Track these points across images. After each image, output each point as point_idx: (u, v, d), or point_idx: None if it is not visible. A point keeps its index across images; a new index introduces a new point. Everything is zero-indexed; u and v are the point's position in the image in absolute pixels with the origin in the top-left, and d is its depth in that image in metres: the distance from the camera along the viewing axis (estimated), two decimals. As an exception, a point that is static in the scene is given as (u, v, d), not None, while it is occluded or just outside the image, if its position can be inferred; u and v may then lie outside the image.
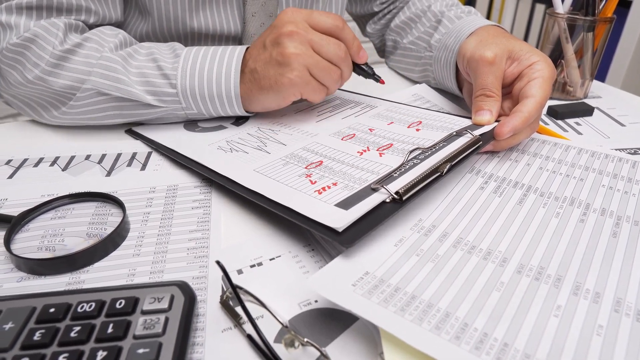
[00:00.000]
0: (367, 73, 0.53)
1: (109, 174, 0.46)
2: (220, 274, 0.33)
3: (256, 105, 0.51)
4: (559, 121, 0.60)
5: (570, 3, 0.63)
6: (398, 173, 0.39)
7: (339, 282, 0.30)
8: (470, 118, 0.49)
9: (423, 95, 0.63)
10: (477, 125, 0.47)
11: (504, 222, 0.36)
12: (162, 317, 0.27)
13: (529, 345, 0.26)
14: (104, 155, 0.49)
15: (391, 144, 0.45)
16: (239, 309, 0.30)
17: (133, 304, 0.28)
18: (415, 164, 0.40)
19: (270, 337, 0.28)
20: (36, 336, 0.26)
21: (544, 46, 0.66)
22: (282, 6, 0.65)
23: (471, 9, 0.66)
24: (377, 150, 0.44)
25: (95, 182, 0.44)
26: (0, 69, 0.51)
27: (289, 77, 0.47)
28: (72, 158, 0.49)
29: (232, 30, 0.63)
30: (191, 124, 0.54)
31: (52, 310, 0.27)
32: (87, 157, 0.49)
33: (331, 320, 0.30)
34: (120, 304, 0.28)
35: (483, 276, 0.31)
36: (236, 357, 0.28)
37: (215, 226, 0.39)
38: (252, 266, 0.35)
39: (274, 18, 0.65)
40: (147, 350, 0.25)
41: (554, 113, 0.61)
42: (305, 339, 0.26)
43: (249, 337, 0.28)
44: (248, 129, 0.52)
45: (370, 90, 0.62)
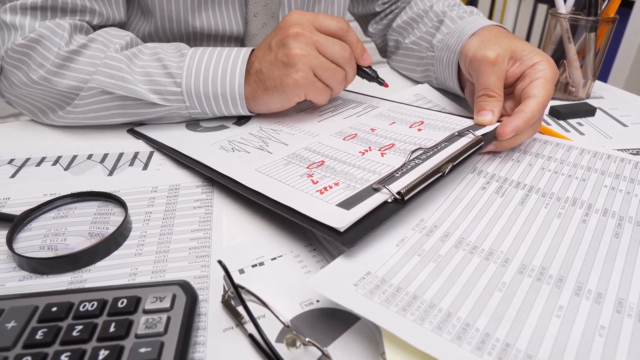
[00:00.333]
0: (371, 76, 0.53)
1: (111, 173, 0.46)
2: (222, 274, 0.33)
3: (260, 106, 0.51)
4: (561, 121, 0.60)
5: (572, 3, 0.63)
6: (400, 173, 0.39)
7: (340, 282, 0.30)
8: (472, 118, 0.49)
9: (425, 96, 0.63)
10: (479, 126, 0.47)
11: (505, 223, 0.36)
12: (164, 317, 0.27)
13: (530, 345, 0.26)
14: (106, 155, 0.49)
15: (393, 144, 0.45)
16: (240, 309, 0.30)
17: (135, 304, 0.28)
18: (417, 164, 0.40)
19: (271, 337, 0.29)
20: (38, 335, 0.26)
21: (546, 46, 0.66)
22: (284, 7, 0.65)
23: (473, 9, 0.65)
24: (379, 150, 0.44)
25: (97, 182, 0.44)
26: (4, 69, 0.51)
27: (294, 78, 0.48)
28: (74, 157, 0.49)
29: (234, 30, 0.63)
30: (193, 124, 0.54)
31: (55, 309, 0.28)
32: (89, 157, 0.49)
33: (333, 320, 0.30)
34: (122, 303, 0.28)
35: (485, 276, 0.31)
36: (238, 357, 0.28)
37: (217, 226, 0.39)
38: (254, 266, 0.35)
39: (276, 19, 0.65)
40: (149, 349, 0.25)
41: (556, 113, 0.61)
42: (307, 339, 0.26)
43: (251, 337, 0.29)
44: (250, 128, 0.52)
45: (372, 91, 0.62)
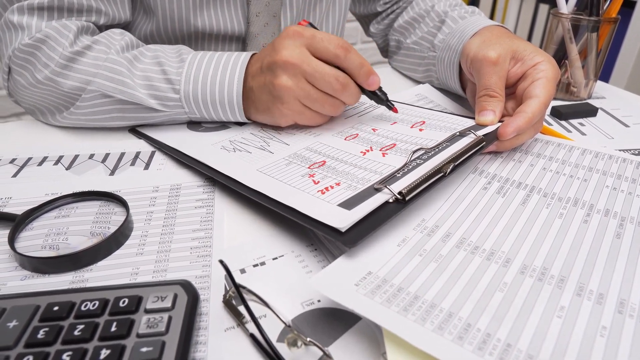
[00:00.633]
0: (380, 99, 0.49)
1: (112, 173, 0.46)
2: (223, 273, 0.33)
3: (255, 119, 0.52)
4: (563, 122, 0.60)
5: (574, 3, 0.63)
6: (401, 173, 0.39)
7: (341, 282, 0.30)
8: (473, 118, 0.49)
9: (426, 96, 0.63)
10: (481, 126, 0.47)
11: (507, 223, 0.36)
12: (165, 316, 0.27)
13: (532, 345, 0.26)
14: (107, 155, 0.49)
15: (394, 144, 0.45)
16: (241, 308, 0.30)
17: (136, 303, 0.28)
18: (418, 164, 0.40)
19: (273, 337, 0.29)
20: (40, 334, 0.26)
21: (548, 46, 0.66)
22: (286, 6, 0.65)
23: (475, 9, 0.65)
24: (380, 150, 0.44)
25: (99, 181, 0.45)
26: (12, 69, 0.51)
27: (279, 108, 0.47)
28: (76, 157, 0.49)
29: (236, 30, 0.63)
30: (195, 124, 0.54)
31: (56, 308, 0.28)
32: (91, 156, 0.49)
33: (334, 320, 0.30)
34: (123, 302, 0.28)
35: (486, 276, 0.31)
36: (239, 356, 0.28)
37: (218, 225, 0.39)
38: (255, 265, 0.35)
39: (278, 18, 0.65)
40: (151, 348, 0.25)
41: (557, 113, 0.61)
42: (308, 339, 0.27)
43: (252, 337, 0.29)
44: (251, 128, 0.52)
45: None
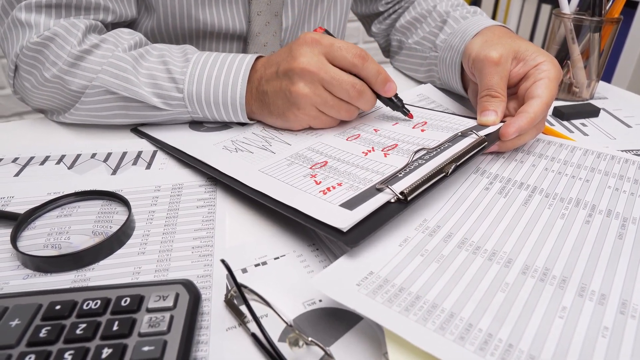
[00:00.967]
0: (396, 105, 0.50)
1: (114, 172, 0.46)
2: (225, 273, 0.34)
3: (265, 122, 0.52)
4: (565, 122, 0.60)
5: (576, 3, 0.62)
6: (403, 173, 0.39)
7: (343, 282, 0.30)
8: (475, 118, 0.49)
9: (428, 96, 0.63)
10: (482, 126, 0.47)
11: (509, 223, 0.36)
12: (167, 315, 0.27)
13: (533, 346, 0.26)
14: (109, 154, 0.49)
15: (396, 145, 0.45)
16: (243, 308, 0.30)
17: (138, 302, 0.28)
18: (420, 165, 0.40)
19: (274, 336, 0.29)
20: (42, 333, 0.26)
21: (550, 47, 0.65)
22: (287, 6, 0.65)
23: (477, 9, 0.65)
24: (382, 150, 0.44)
25: (101, 181, 0.45)
26: (19, 67, 0.51)
27: (295, 114, 0.48)
28: (78, 156, 0.49)
29: (237, 28, 0.63)
30: (197, 124, 0.54)
31: (58, 307, 0.28)
32: (93, 156, 0.49)
33: (335, 320, 0.30)
34: (125, 301, 0.28)
35: (488, 277, 0.31)
36: (240, 356, 0.28)
37: (220, 225, 0.39)
38: (257, 265, 0.35)
39: (279, 17, 0.65)
40: (152, 348, 0.25)
41: (559, 114, 0.61)
42: (310, 338, 0.27)
43: (253, 336, 0.29)
44: (253, 128, 0.52)
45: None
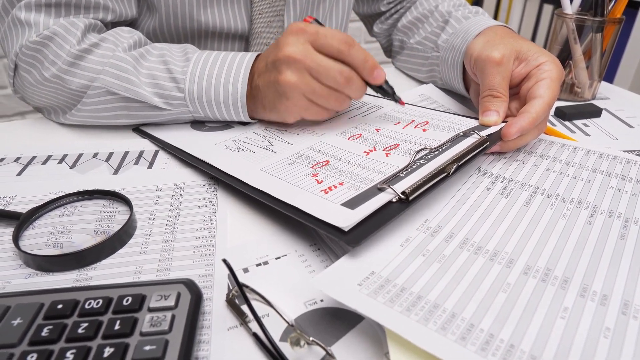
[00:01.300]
0: (386, 92, 0.50)
1: (116, 172, 0.46)
2: (227, 272, 0.34)
3: (262, 117, 0.52)
4: (567, 122, 0.60)
5: (578, 3, 0.62)
6: (404, 173, 0.39)
7: (344, 282, 0.30)
8: (477, 119, 0.49)
9: (430, 96, 0.63)
10: (484, 126, 0.47)
11: (510, 223, 0.36)
12: (169, 315, 0.27)
13: (535, 346, 0.26)
14: (111, 154, 0.49)
15: (398, 144, 0.45)
16: (244, 307, 0.30)
17: (140, 301, 0.28)
18: (421, 164, 0.40)
19: (275, 336, 0.29)
20: (44, 332, 0.26)
21: (552, 47, 0.65)
22: (289, 5, 0.65)
23: (478, 9, 0.65)
24: (384, 150, 0.44)
25: (103, 180, 0.45)
26: (19, 66, 0.51)
27: (285, 104, 0.47)
28: (80, 156, 0.49)
29: (239, 28, 0.63)
30: (198, 124, 0.54)
31: (60, 306, 0.28)
32: (95, 155, 0.49)
33: (337, 320, 0.30)
34: (127, 301, 0.28)
35: (489, 277, 0.31)
36: (242, 355, 0.28)
37: (221, 225, 0.39)
38: (258, 265, 0.35)
39: (281, 17, 0.65)
40: (154, 347, 0.25)
41: (561, 114, 0.60)
42: (311, 338, 0.27)
43: (255, 336, 0.29)
44: (255, 128, 0.52)
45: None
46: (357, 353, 0.28)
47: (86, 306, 0.28)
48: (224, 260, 0.30)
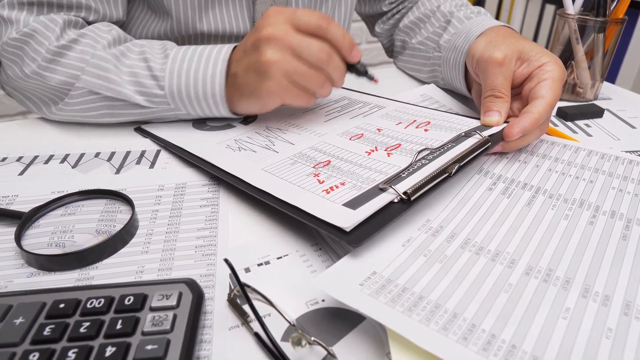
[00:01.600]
0: (359, 71, 0.49)
1: (118, 171, 0.46)
2: (228, 272, 0.34)
3: (240, 109, 0.51)
4: (569, 123, 0.59)
5: (581, 4, 0.62)
6: (406, 173, 0.39)
7: (346, 282, 0.30)
8: (479, 119, 0.49)
9: (431, 96, 0.63)
10: (486, 126, 0.47)
11: (512, 224, 0.36)
12: (170, 314, 0.27)
13: (537, 347, 0.26)
14: (113, 153, 0.50)
15: (399, 144, 0.45)
16: (246, 307, 0.30)
17: (142, 301, 0.28)
18: (423, 165, 0.40)
19: (277, 336, 0.29)
20: (46, 331, 0.26)
21: (554, 47, 0.65)
22: (292, 6, 0.65)
23: (480, 9, 0.65)
24: (385, 150, 0.44)
25: (105, 180, 0.45)
26: (2, 62, 0.52)
27: (266, 86, 0.46)
28: (82, 155, 0.49)
29: (242, 30, 0.63)
30: (200, 123, 0.54)
31: (62, 305, 0.28)
32: (97, 155, 0.49)
33: (338, 320, 0.30)
34: (129, 300, 0.28)
35: (491, 277, 0.31)
36: (243, 355, 0.28)
37: (223, 224, 0.39)
38: (260, 265, 0.35)
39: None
40: (156, 346, 0.25)
41: (563, 114, 0.60)
42: (313, 338, 0.27)
43: (256, 335, 0.29)
44: (256, 128, 0.52)
45: (379, 91, 0.62)
46: (359, 353, 0.28)
47: (88, 305, 0.28)
48: (226, 260, 0.30)
